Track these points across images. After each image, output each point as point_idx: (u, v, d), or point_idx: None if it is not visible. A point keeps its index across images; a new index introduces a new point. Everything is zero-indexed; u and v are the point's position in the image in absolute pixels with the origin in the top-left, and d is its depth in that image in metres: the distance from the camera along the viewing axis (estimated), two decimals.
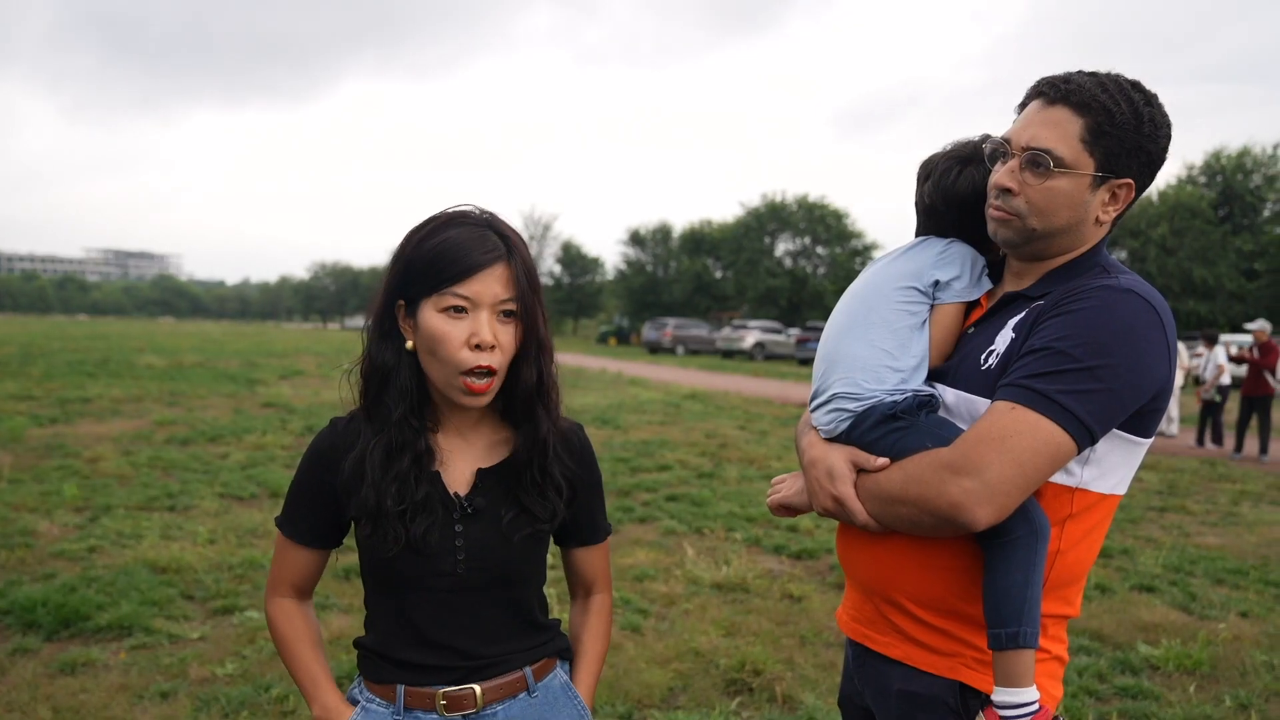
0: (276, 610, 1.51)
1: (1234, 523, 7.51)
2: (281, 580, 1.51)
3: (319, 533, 1.49)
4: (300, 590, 1.52)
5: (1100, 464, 1.39)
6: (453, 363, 1.34)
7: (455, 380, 1.36)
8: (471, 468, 1.46)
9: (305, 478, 1.47)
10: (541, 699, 1.50)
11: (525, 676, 1.48)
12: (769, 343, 35.57)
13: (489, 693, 1.45)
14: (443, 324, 1.34)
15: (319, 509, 1.47)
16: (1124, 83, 1.40)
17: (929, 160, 1.62)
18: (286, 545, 1.49)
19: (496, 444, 1.49)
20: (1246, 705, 3.81)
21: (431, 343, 1.35)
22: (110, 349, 25.40)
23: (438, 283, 1.34)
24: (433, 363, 1.37)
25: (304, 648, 1.49)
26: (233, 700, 3.53)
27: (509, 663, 1.47)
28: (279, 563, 1.50)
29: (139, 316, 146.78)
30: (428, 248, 1.36)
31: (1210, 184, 42.54)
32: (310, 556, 1.50)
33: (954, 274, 1.53)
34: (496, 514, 1.44)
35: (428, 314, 1.35)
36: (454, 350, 1.34)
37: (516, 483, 1.46)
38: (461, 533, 1.42)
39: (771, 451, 10.31)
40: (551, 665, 1.54)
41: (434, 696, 1.43)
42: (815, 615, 4.76)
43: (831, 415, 1.49)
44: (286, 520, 1.49)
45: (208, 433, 10.13)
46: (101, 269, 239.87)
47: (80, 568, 5.08)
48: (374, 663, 1.47)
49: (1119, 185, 1.41)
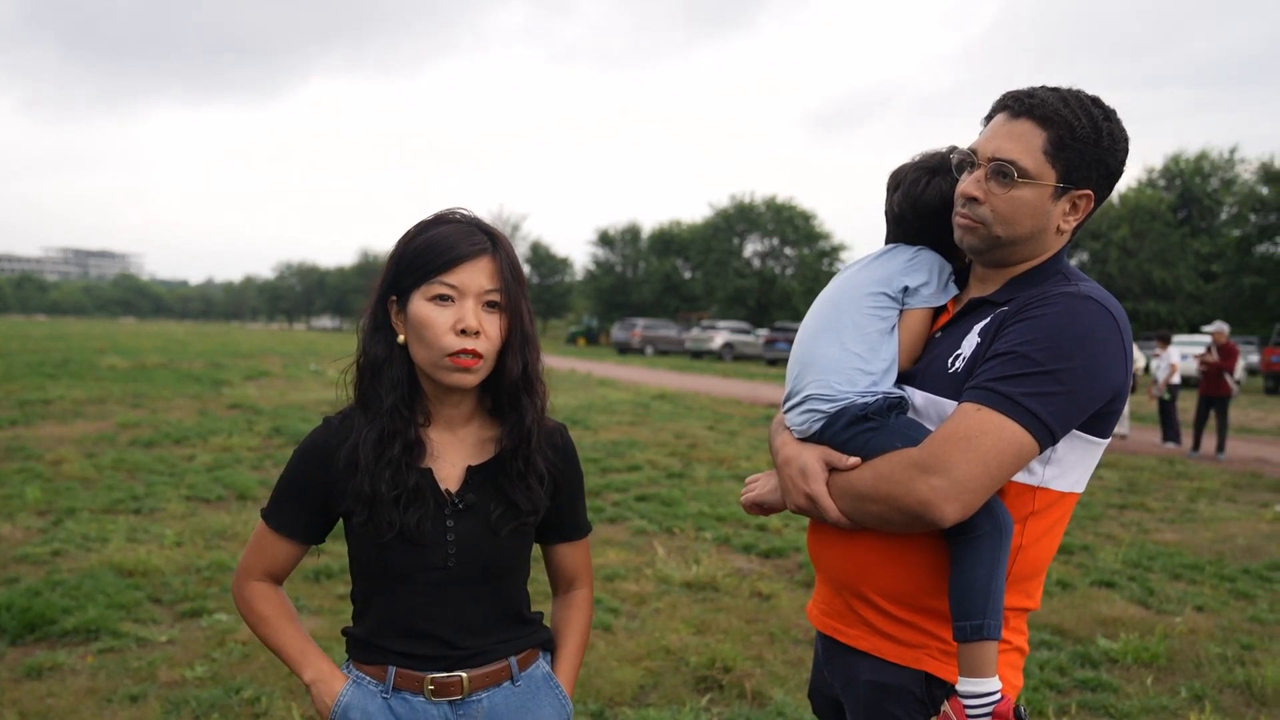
0: (251, 591, 1.54)
1: (1191, 519, 7.68)
2: (256, 567, 1.54)
3: (304, 527, 1.53)
4: (274, 578, 1.56)
5: (1060, 463, 1.44)
6: (438, 346, 1.40)
7: (443, 361, 1.40)
8: (462, 465, 1.51)
9: (297, 472, 1.51)
10: (525, 688, 1.55)
11: (510, 666, 1.54)
12: (737, 343, 35.65)
13: (475, 680, 1.50)
14: (430, 310, 1.40)
15: (308, 504, 1.51)
16: (1085, 99, 1.45)
17: (898, 171, 1.68)
18: (270, 536, 1.53)
19: (486, 441, 1.53)
20: (1201, 696, 3.91)
21: (419, 328, 1.41)
22: (71, 350, 24.97)
23: (426, 273, 1.41)
24: (420, 350, 1.42)
25: (286, 622, 1.53)
26: (203, 703, 3.51)
27: (495, 652, 1.52)
28: (257, 551, 1.54)
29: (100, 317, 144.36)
30: (418, 243, 1.44)
31: (1170, 187, 43.33)
32: (290, 549, 1.54)
33: (922, 280, 1.58)
34: (486, 510, 1.49)
35: (417, 303, 1.42)
36: (440, 334, 1.40)
37: (502, 476, 1.50)
38: (453, 527, 1.47)
39: (741, 451, 10.38)
40: (535, 656, 1.59)
41: (422, 681, 1.48)
42: (784, 613, 4.82)
43: (805, 416, 1.54)
44: (273, 512, 1.53)
45: (173, 434, 10.01)
46: (61, 268, 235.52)
47: (45, 571, 5.02)
48: (364, 647, 1.52)
49: (1079, 196, 1.47)
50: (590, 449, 10.04)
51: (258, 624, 1.53)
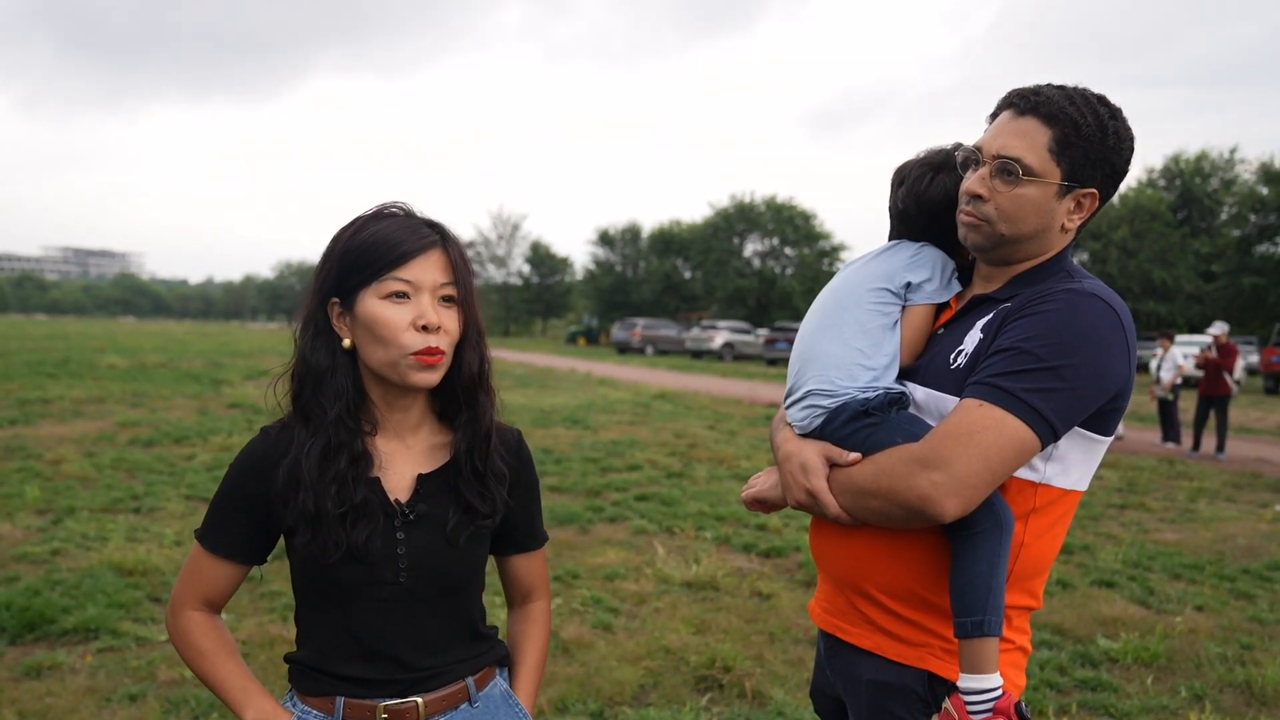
0: (188, 622, 1.42)
1: (1191, 519, 7.68)
2: (192, 594, 1.43)
3: (243, 546, 1.43)
4: (212, 605, 1.45)
5: (1063, 460, 1.44)
6: (399, 345, 1.33)
7: (405, 360, 1.34)
8: (412, 473, 1.43)
9: (233, 488, 1.42)
10: (483, 709, 1.47)
11: (467, 687, 1.46)
12: (737, 343, 35.71)
13: (431, 705, 1.41)
14: (385, 309, 1.33)
15: (246, 521, 1.41)
16: (1091, 97, 1.45)
17: (903, 167, 1.67)
18: (205, 558, 1.42)
19: (436, 448, 1.46)
20: (1201, 696, 3.91)
21: (375, 329, 1.33)
22: (71, 349, 24.97)
23: (376, 270, 1.34)
24: (377, 350, 1.35)
25: (225, 658, 1.42)
26: (202, 702, 3.51)
27: (451, 673, 1.44)
28: (192, 576, 1.43)
29: (99, 316, 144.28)
30: (361, 239, 1.36)
31: (1170, 187, 43.35)
32: (229, 571, 1.43)
33: (925, 276, 1.58)
34: (439, 519, 1.41)
35: (369, 303, 1.34)
36: (398, 332, 1.33)
37: (458, 479, 1.43)
38: (404, 540, 1.39)
39: (741, 451, 10.38)
40: (492, 674, 1.52)
41: (374, 710, 1.39)
42: (784, 612, 4.81)
43: (806, 411, 1.53)
44: (208, 532, 1.42)
45: (172, 434, 10.00)
46: (60, 267, 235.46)
47: (44, 571, 5.02)
48: (310, 677, 1.42)
49: (1084, 194, 1.47)
50: (590, 448, 10.04)
51: (195, 658, 1.41)
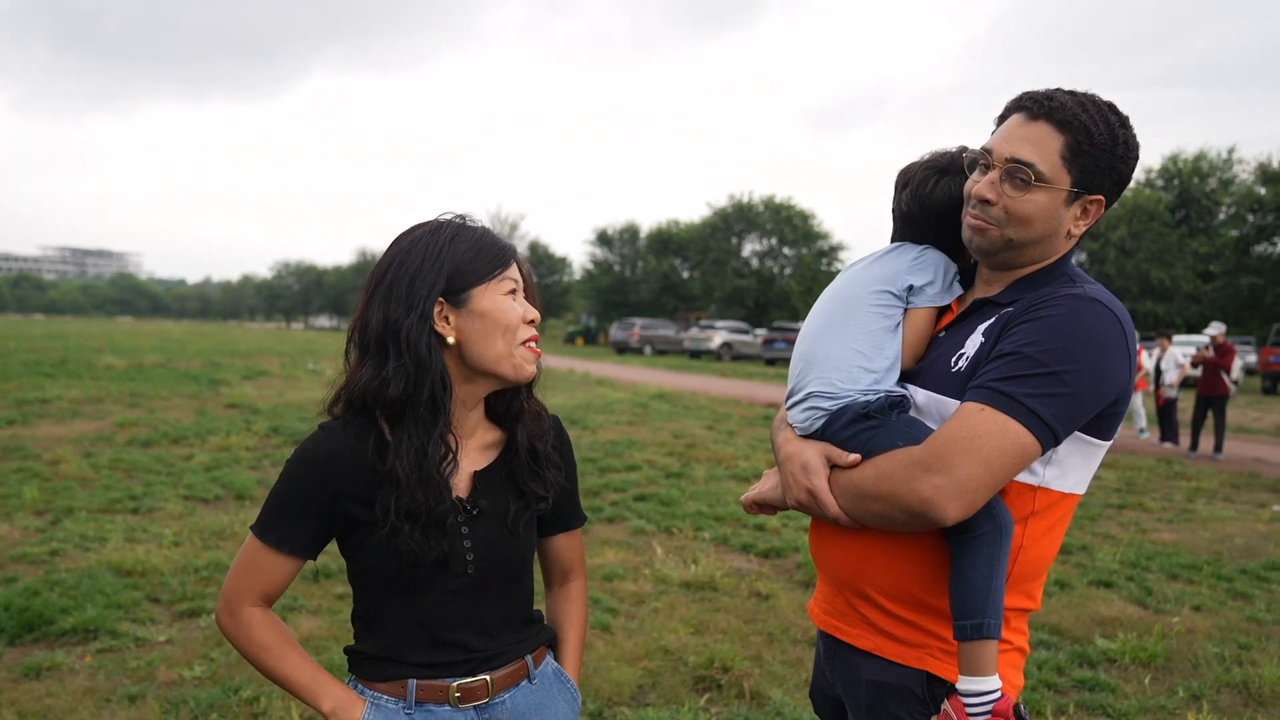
0: (249, 618, 1.45)
1: (1189, 519, 7.69)
2: (249, 590, 1.45)
3: (304, 542, 1.45)
4: (269, 600, 1.48)
5: (1062, 464, 1.45)
6: (516, 335, 1.45)
7: (519, 350, 1.45)
8: (469, 471, 1.50)
9: (298, 484, 1.43)
10: (540, 685, 1.57)
11: (527, 664, 1.55)
12: (736, 343, 35.70)
13: (499, 682, 1.50)
14: (506, 303, 1.45)
15: (310, 517, 1.44)
16: (1102, 104, 1.45)
17: (907, 169, 1.67)
18: (264, 553, 1.44)
19: (487, 447, 1.54)
20: (1199, 696, 3.92)
21: (498, 320, 1.44)
22: (68, 349, 24.93)
23: (491, 269, 1.45)
24: (496, 343, 1.44)
25: (289, 651, 1.45)
26: (201, 703, 3.51)
27: (512, 653, 1.53)
28: (249, 571, 1.45)
29: (97, 316, 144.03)
30: (471, 241, 1.45)
31: (1168, 187, 43.34)
32: (288, 566, 1.46)
33: (927, 279, 1.58)
34: (500, 511, 1.50)
35: (489, 298, 1.44)
36: (518, 323, 1.45)
37: (516, 468, 1.52)
38: (469, 534, 1.47)
39: (739, 451, 10.38)
40: (544, 653, 1.61)
41: (447, 689, 1.46)
42: (783, 613, 4.82)
43: (807, 413, 1.54)
44: (269, 528, 1.44)
45: (170, 434, 10.00)
46: (58, 267, 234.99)
47: (43, 571, 5.02)
48: (377, 665, 1.47)
49: (1091, 201, 1.47)
50: (589, 449, 10.03)
51: (260, 654, 1.44)
